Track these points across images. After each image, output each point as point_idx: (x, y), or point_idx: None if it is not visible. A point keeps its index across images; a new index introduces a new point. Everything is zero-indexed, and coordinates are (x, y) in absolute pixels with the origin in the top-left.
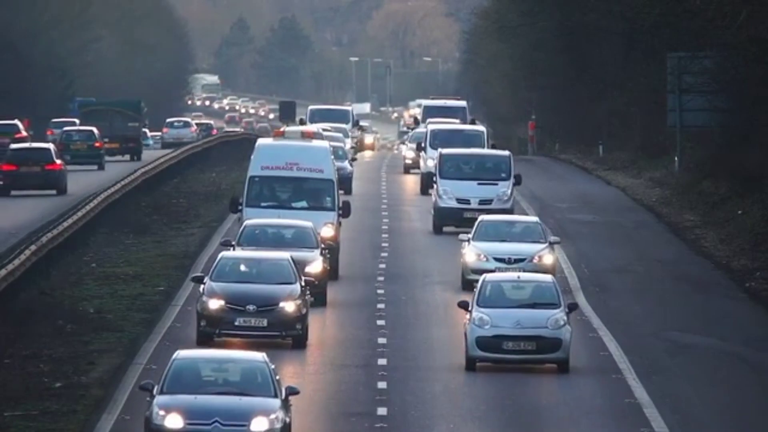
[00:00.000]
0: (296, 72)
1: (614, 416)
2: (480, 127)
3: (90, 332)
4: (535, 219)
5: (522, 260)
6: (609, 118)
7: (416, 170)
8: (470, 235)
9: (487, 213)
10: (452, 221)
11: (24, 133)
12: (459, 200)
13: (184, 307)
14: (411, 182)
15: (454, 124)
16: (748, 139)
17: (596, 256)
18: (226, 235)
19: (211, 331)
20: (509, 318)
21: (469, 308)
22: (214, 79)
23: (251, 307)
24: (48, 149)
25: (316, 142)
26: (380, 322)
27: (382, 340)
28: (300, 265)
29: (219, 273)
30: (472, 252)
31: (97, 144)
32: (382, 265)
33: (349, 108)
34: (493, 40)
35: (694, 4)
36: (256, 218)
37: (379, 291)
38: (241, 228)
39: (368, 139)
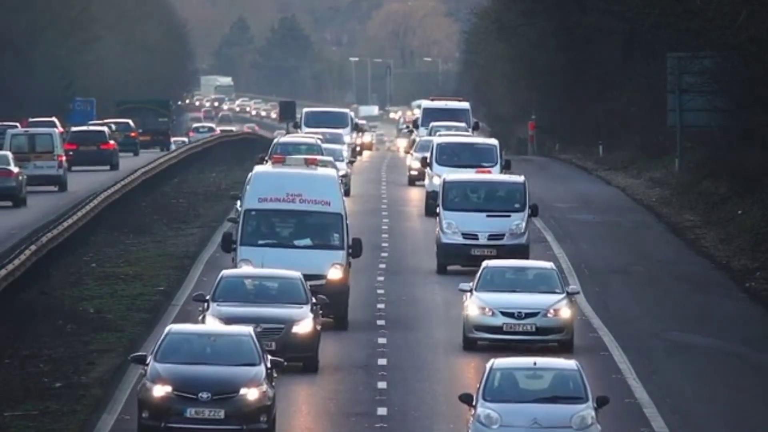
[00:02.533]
0: (296, 72)
1: (614, 416)
2: (492, 141)
3: (90, 332)
4: (549, 264)
5: (534, 314)
6: (609, 118)
7: (421, 182)
8: (472, 285)
9: (498, 250)
10: (458, 259)
11: (61, 129)
12: (465, 235)
13: (184, 307)
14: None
15: (463, 136)
16: (748, 139)
17: (596, 256)
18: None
19: (156, 424)
20: (524, 415)
21: (473, 402)
22: (227, 80)
23: (205, 395)
24: (103, 131)
25: (321, 170)
26: (380, 322)
27: (382, 340)
28: (286, 324)
29: (165, 352)
30: (474, 305)
31: (132, 134)
32: (382, 265)
33: (347, 110)
34: (493, 40)
35: (694, 4)
36: (250, 257)
37: (379, 291)
38: (217, 280)
39: (366, 138)
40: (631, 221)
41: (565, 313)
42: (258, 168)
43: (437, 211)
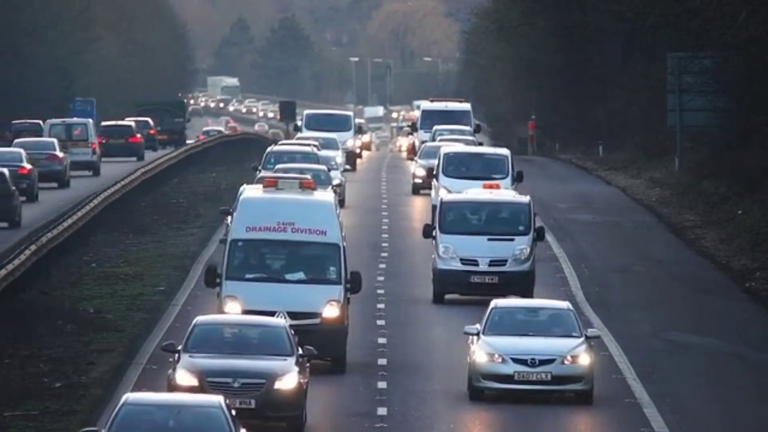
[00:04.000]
0: (296, 72)
1: (614, 416)
2: (504, 151)
3: (90, 332)
4: (565, 305)
5: (550, 361)
6: (609, 118)
7: (426, 191)
8: (479, 327)
9: (500, 277)
10: (456, 288)
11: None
12: (464, 261)
13: (184, 307)
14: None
15: (472, 146)
16: (748, 139)
17: (596, 256)
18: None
19: None
20: None
21: None
22: (233, 81)
23: None
24: (131, 126)
25: (318, 195)
26: (380, 322)
27: (382, 340)
28: (268, 379)
29: (121, 426)
30: (482, 350)
31: (151, 131)
32: (382, 265)
33: (349, 113)
34: (493, 40)
35: (694, 4)
36: (237, 293)
37: (379, 291)
38: (191, 327)
39: (365, 138)
40: (631, 221)
41: (584, 360)
42: (247, 193)
43: (433, 233)
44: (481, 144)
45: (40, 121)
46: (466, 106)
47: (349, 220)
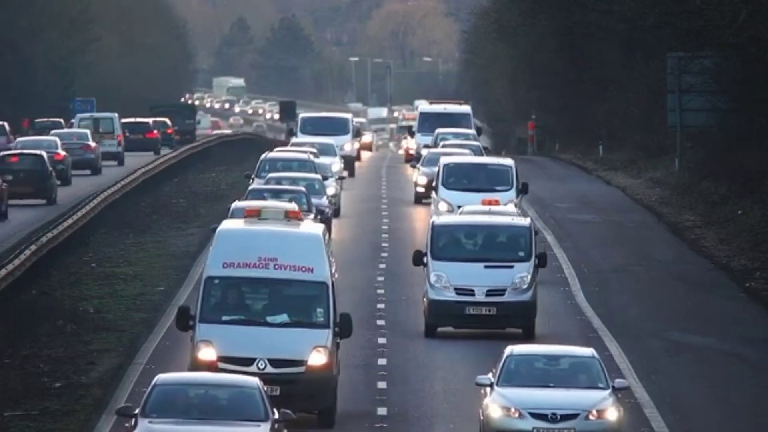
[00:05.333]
0: (296, 72)
1: None
2: (507, 161)
3: (90, 332)
4: (589, 351)
5: (573, 416)
6: (609, 118)
7: (429, 200)
8: (493, 376)
9: (499, 308)
10: (450, 320)
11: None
12: (458, 290)
13: None
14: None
15: (474, 157)
16: (748, 139)
17: (596, 256)
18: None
19: None
20: None
21: None
22: (239, 81)
23: None
24: (148, 123)
25: (305, 227)
26: (380, 322)
27: (382, 340)
28: None
29: None
30: (496, 404)
31: (169, 131)
32: (382, 265)
33: (348, 115)
34: (493, 40)
35: (694, 4)
36: (212, 338)
37: (379, 291)
38: (150, 387)
39: (366, 138)
40: (631, 221)
41: (612, 414)
42: (225, 224)
43: (424, 260)
44: (486, 148)
45: (62, 120)
46: (467, 108)
47: (348, 222)
